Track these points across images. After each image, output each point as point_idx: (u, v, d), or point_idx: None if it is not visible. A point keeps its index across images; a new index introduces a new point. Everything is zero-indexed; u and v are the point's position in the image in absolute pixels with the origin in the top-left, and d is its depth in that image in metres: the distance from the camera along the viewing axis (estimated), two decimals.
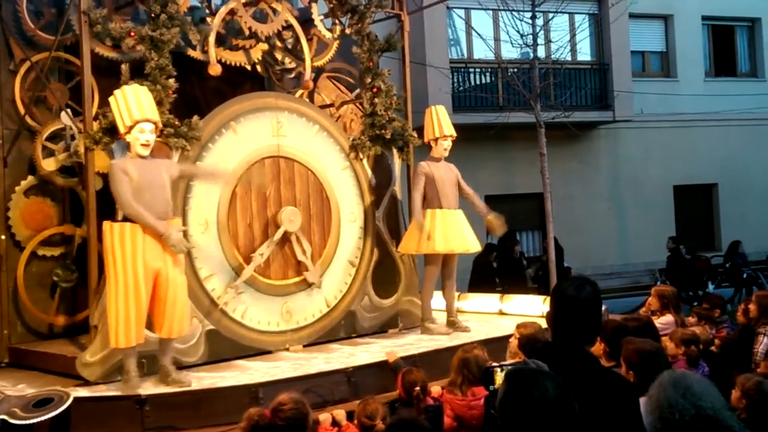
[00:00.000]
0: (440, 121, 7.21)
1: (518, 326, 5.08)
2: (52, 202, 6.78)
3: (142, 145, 5.34)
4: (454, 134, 7.32)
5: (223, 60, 6.85)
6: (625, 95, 15.94)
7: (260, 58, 7.33)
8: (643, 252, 16.56)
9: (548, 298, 8.04)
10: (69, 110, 6.45)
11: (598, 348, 4.40)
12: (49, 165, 6.51)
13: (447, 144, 7.25)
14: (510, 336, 5.81)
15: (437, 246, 6.88)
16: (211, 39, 6.58)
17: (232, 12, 6.82)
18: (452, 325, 7.16)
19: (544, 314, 7.72)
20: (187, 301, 5.57)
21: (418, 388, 4.78)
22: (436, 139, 7.20)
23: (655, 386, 2.41)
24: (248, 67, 7.24)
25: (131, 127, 5.33)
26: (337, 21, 7.64)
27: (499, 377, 2.45)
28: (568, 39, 13.33)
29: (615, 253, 16.87)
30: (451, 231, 6.96)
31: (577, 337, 2.90)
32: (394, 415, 4.62)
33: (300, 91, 7.93)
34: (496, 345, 5.98)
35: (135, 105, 5.35)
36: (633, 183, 17.15)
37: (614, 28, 15.63)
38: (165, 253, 5.31)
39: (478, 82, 15.65)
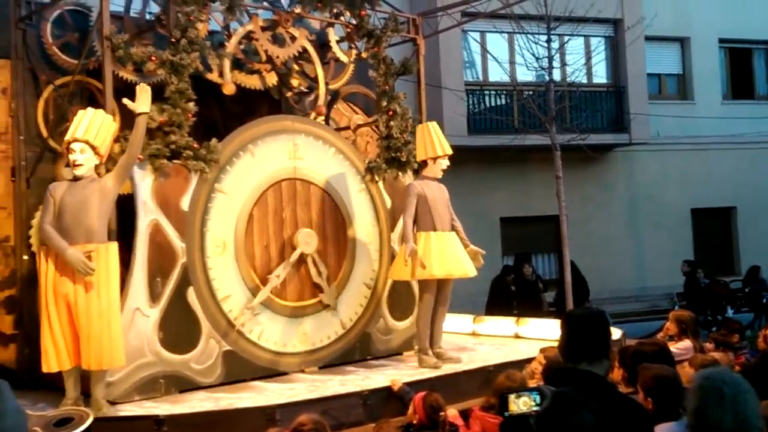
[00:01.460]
0: (439, 139, 6.86)
1: (542, 350, 5.08)
2: None
3: (70, 165, 5.41)
4: (451, 152, 7.00)
5: (239, 83, 6.96)
6: (642, 118, 15.94)
7: (275, 82, 7.44)
8: (661, 276, 16.46)
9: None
10: None
11: (616, 374, 4.40)
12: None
13: (445, 164, 6.93)
14: (527, 360, 5.85)
15: (434, 271, 6.49)
16: (227, 60, 6.69)
17: (249, 35, 6.94)
18: (439, 356, 6.72)
19: None
20: (107, 331, 5.19)
21: (443, 414, 4.78)
22: (434, 159, 6.83)
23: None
24: (262, 90, 7.34)
25: (67, 148, 5.46)
26: (353, 45, 7.74)
27: (513, 404, 2.48)
28: (583, 62, 13.40)
29: (632, 277, 16.78)
30: (448, 254, 6.60)
31: (584, 356, 2.92)
32: None
33: (314, 114, 8.03)
34: (512, 369, 5.96)
35: (72, 126, 5.49)
36: (650, 206, 17.09)
37: (630, 51, 15.68)
38: (76, 278, 5.15)
39: (493, 105, 15.71)
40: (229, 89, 6.65)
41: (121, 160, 5.48)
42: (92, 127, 5.43)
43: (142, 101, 5.48)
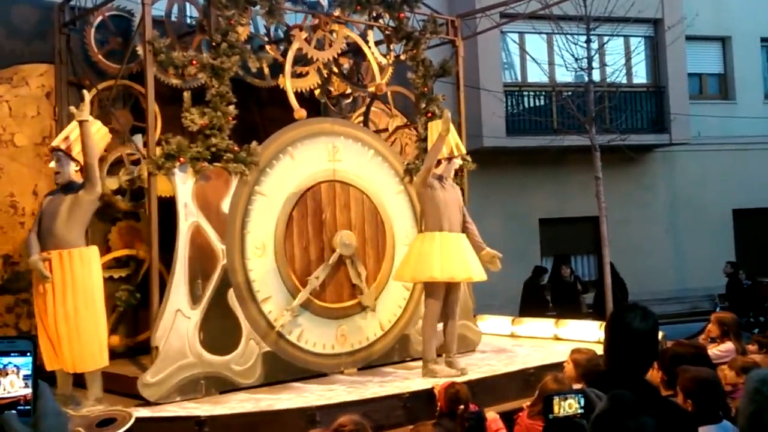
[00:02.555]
0: (456, 139, 6.63)
1: (573, 351, 5.04)
2: (115, 226, 6.96)
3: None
4: (464, 152, 6.85)
5: (282, 87, 7.00)
6: (682, 118, 15.70)
7: (318, 83, 7.47)
8: (702, 277, 16.19)
9: (604, 324, 7.94)
10: (140, 135, 6.64)
11: (655, 376, 4.34)
12: (111, 183, 6.70)
13: (459, 163, 6.75)
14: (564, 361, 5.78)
15: (435, 273, 6.15)
16: (288, 84, 6.71)
17: (288, 37, 6.99)
18: (450, 366, 6.38)
19: (600, 340, 7.64)
20: (75, 334, 5.30)
21: (462, 407, 4.79)
22: (449, 158, 6.53)
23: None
24: (315, 90, 7.40)
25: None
26: (391, 47, 7.74)
27: (558, 406, 2.45)
28: (623, 62, 13.24)
29: (672, 278, 16.54)
30: (454, 256, 6.23)
31: (635, 367, 2.89)
32: (436, 425, 4.65)
33: (355, 115, 8.08)
34: (551, 371, 5.91)
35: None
36: (691, 207, 16.83)
37: (671, 51, 15.46)
38: (40, 284, 5.36)
39: (531, 106, 15.60)
40: (300, 114, 6.65)
41: (84, 168, 5.52)
42: (70, 137, 5.59)
43: (83, 110, 5.41)
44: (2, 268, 6.65)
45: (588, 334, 7.90)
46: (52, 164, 5.60)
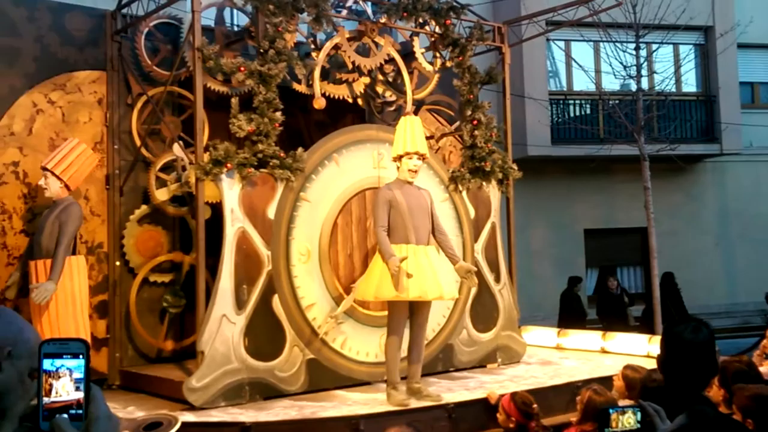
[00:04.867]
0: (407, 135, 5.87)
1: (625, 367, 4.92)
2: (164, 230, 7.03)
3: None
4: (424, 152, 5.93)
5: (327, 93, 7.01)
6: (734, 128, 15.37)
7: (362, 91, 7.46)
8: (753, 291, 15.77)
9: (653, 337, 7.79)
10: (181, 142, 6.71)
11: (717, 393, 4.22)
12: (161, 194, 6.78)
13: (413, 164, 5.87)
14: (614, 375, 5.65)
15: (401, 291, 5.54)
16: (317, 73, 6.75)
17: (336, 47, 6.99)
18: (415, 392, 5.81)
19: (649, 354, 7.48)
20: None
21: (536, 406, 4.74)
22: (399, 157, 5.93)
23: None
24: (350, 100, 7.37)
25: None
26: (437, 54, 7.71)
27: (616, 421, 2.37)
28: (672, 70, 13.02)
29: (722, 292, 16.16)
30: (421, 272, 5.61)
31: (692, 381, 2.81)
32: None
33: None
34: (597, 384, 5.78)
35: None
36: (741, 218, 16.44)
37: (722, 59, 15.16)
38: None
39: (577, 114, 15.43)
40: (319, 104, 6.69)
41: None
42: (57, 156, 6.01)
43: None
44: None
45: (636, 348, 7.74)
46: (41, 182, 6.00)
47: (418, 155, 5.86)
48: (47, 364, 1.48)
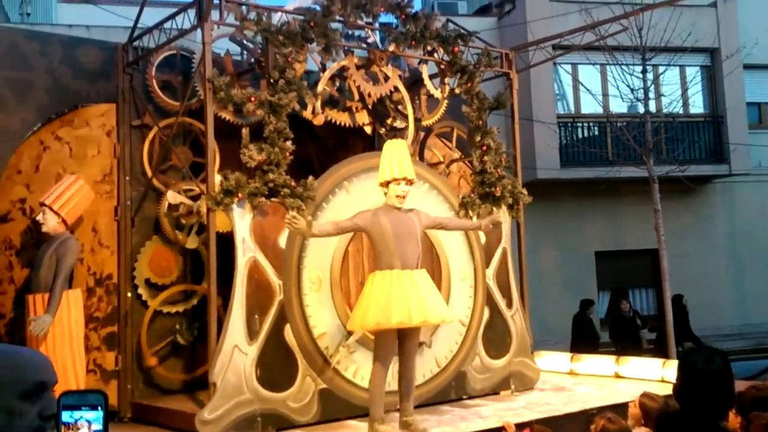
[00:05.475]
0: (393, 161, 5.70)
1: (643, 395, 4.87)
2: (176, 260, 7.04)
3: None
4: (411, 177, 5.75)
5: (331, 120, 7.04)
6: (742, 148, 15.37)
7: (367, 120, 7.50)
8: (765, 312, 15.71)
9: (668, 362, 7.73)
10: (178, 191, 6.76)
11: (734, 421, 4.17)
12: (190, 242, 6.81)
13: (401, 190, 5.67)
14: (630, 402, 5.60)
15: (380, 318, 5.36)
16: (320, 88, 6.79)
17: (343, 69, 7.04)
18: (406, 426, 5.68)
19: (663, 378, 7.42)
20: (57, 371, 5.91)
21: None
22: (387, 183, 5.73)
23: None
24: (351, 126, 7.42)
25: None
26: (446, 81, 7.74)
27: None
28: (679, 92, 13.04)
29: (734, 313, 16.06)
30: (404, 298, 5.38)
31: (708, 411, 2.79)
32: None
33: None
34: (610, 412, 5.73)
35: None
36: (752, 238, 16.37)
37: (728, 80, 15.19)
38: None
39: (585, 137, 15.45)
40: (318, 120, 6.74)
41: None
42: (55, 192, 6.16)
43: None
44: None
45: (651, 373, 7.68)
46: (39, 217, 6.12)
47: (406, 181, 5.71)
48: (66, 416, 1.48)
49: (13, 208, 6.48)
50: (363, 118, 7.54)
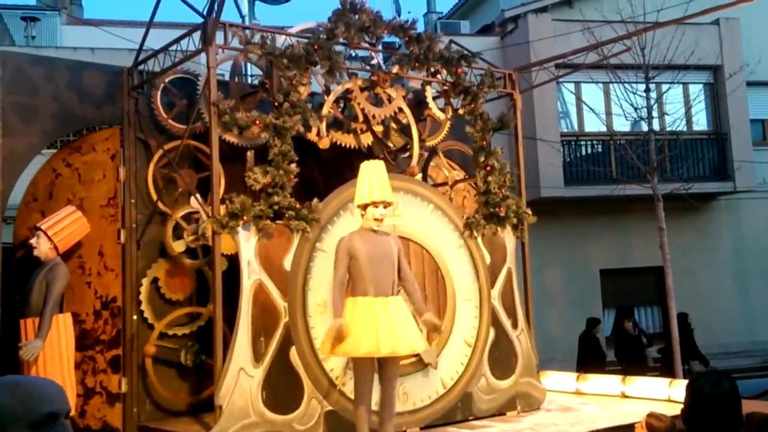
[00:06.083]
0: (372, 183, 5.61)
1: (649, 415, 4.85)
2: (181, 283, 7.06)
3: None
4: (390, 200, 5.69)
5: (336, 142, 7.07)
6: (747, 165, 15.36)
7: (371, 142, 7.53)
8: None
9: (674, 381, 7.70)
10: (198, 195, 6.77)
11: None
12: (178, 247, 6.82)
13: (379, 213, 5.57)
14: (636, 422, 5.58)
15: (348, 348, 5.29)
16: (324, 110, 6.83)
17: (348, 91, 7.08)
18: None
19: (670, 398, 7.38)
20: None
21: None
22: (365, 206, 5.67)
23: None
24: (370, 147, 7.46)
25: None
26: (449, 102, 7.77)
27: None
28: (683, 110, 13.07)
29: (741, 330, 15.99)
30: (373, 327, 5.29)
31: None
32: None
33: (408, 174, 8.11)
34: None
35: None
36: (757, 255, 16.33)
37: (732, 98, 15.23)
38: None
39: (589, 155, 15.47)
40: (323, 143, 6.77)
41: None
42: (52, 219, 6.42)
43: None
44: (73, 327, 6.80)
45: (657, 392, 7.64)
46: (33, 240, 6.31)
47: (384, 204, 5.63)
48: None
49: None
50: (367, 139, 7.58)
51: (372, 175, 5.64)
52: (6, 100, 6.39)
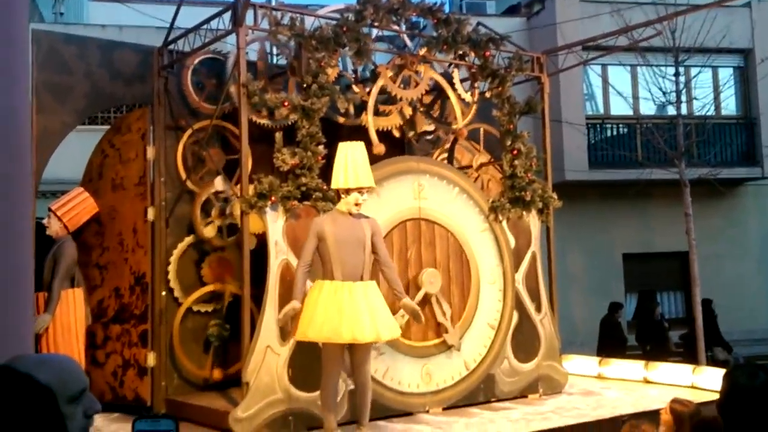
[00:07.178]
0: (348, 168, 5.41)
1: (674, 401, 4.88)
2: (205, 261, 7.16)
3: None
4: (370, 185, 5.51)
5: (364, 125, 7.10)
6: None
7: (401, 122, 7.56)
8: None
9: (698, 368, 7.70)
10: (224, 174, 6.84)
11: None
12: (208, 232, 6.93)
13: (361, 198, 5.42)
14: (661, 408, 5.60)
15: (309, 332, 5.18)
16: (369, 118, 6.83)
17: (382, 90, 7.10)
18: None
19: (694, 384, 7.39)
20: None
21: None
22: (347, 191, 5.46)
23: None
24: (402, 128, 7.50)
25: None
26: (476, 85, 7.75)
27: None
28: (712, 95, 12.92)
29: (765, 317, 15.88)
30: (337, 312, 5.15)
31: (751, 426, 2.80)
32: None
33: (438, 153, 8.13)
34: (644, 419, 5.73)
35: None
36: None
37: (763, 83, 15.01)
38: None
39: (615, 138, 15.36)
40: (379, 150, 6.68)
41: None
42: (62, 200, 6.83)
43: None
44: (114, 301, 6.96)
45: (680, 378, 7.66)
46: (45, 220, 6.61)
47: (368, 190, 5.52)
48: None
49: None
50: (395, 121, 7.59)
51: (350, 159, 5.43)
52: (39, 78, 6.48)
